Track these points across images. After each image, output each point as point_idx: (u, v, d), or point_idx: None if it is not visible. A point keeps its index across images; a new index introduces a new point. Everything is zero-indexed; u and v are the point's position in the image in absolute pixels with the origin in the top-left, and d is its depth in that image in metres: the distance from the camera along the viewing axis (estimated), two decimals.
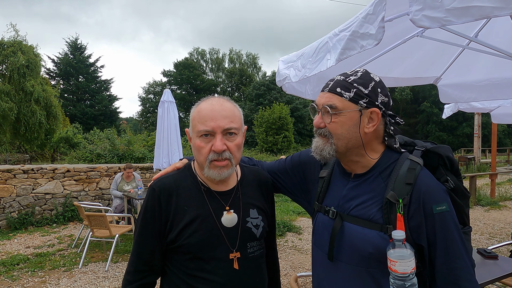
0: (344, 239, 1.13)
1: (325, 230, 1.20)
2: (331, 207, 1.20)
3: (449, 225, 1.04)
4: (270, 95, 32.53)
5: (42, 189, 7.19)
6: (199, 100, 1.27)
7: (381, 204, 1.08)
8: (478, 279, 2.28)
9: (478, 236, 6.28)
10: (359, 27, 1.54)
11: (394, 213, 1.04)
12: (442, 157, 1.15)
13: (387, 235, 1.04)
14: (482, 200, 9.34)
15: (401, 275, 0.96)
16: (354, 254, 1.10)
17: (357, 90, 1.10)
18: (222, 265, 1.18)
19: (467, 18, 1.18)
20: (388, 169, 1.12)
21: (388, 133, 1.16)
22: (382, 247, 1.03)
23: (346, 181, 1.21)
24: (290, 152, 23.39)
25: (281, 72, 2.47)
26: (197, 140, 1.18)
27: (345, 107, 1.10)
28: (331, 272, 1.17)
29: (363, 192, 1.14)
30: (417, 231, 1.05)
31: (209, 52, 51.07)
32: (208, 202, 1.22)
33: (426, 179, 1.07)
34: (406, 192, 1.05)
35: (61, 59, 33.91)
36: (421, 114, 38.56)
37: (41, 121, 17.30)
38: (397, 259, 0.97)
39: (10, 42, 17.06)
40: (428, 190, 1.05)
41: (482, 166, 17.73)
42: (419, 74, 3.27)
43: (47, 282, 4.34)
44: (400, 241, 0.97)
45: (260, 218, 1.29)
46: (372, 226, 1.07)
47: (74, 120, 28.56)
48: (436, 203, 1.04)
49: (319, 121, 1.15)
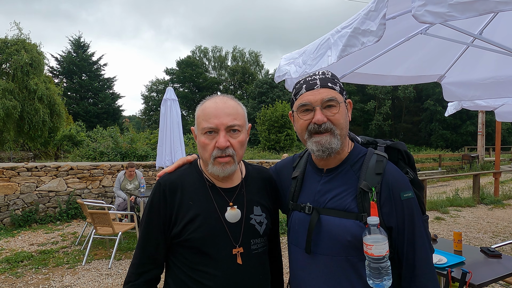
0: (322, 231, 1.17)
1: (301, 226, 1.24)
2: (307, 203, 1.24)
3: (414, 210, 1.16)
4: (273, 93, 32.49)
5: (45, 187, 7.23)
6: (204, 98, 1.30)
7: (355, 194, 1.16)
8: (481, 278, 2.28)
9: (482, 235, 6.25)
10: (361, 24, 1.54)
11: (367, 201, 1.13)
12: (401, 152, 1.28)
13: (362, 222, 1.12)
14: (485, 199, 9.29)
15: (377, 258, 1.04)
16: (333, 244, 1.15)
17: (339, 83, 1.22)
18: (226, 260, 1.20)
19: (471, 13, 1.17)
20: (358, 162, 1.22)
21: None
22: (359, 234, 1.10)
23: (319, 177, 1.26)
24: (293, 150, 23.36)
25: (281, 68, 2.47)
26: (202, 137, 1.21)
27: (339, 99, 1.18)
28: (309, 266, 1.20)
29: (337, 185, 1.20)
30: (388, 216, 1.14)
31: (212, 50, 51.07)
32: (213, 198, 1.25)
33: (393, 170, 1.19)
34: (377, 181, 1.15)
35: (64, 57, 34.00)
36: (425, 112, 38.32)
37: (45, 119, 17.37)
38: (373, 243, 1.04)
39: (13, 40, 17.12)
40: (396, 179, 1.16)
41: (485, 164, 17.65)
42: (423, 72, 3.24)
43: (51, 279, 4.37)
44: (375, 226, 1.06)
45: (263, 216, 1.31)
46: (348, 216, 1.14)
47: (78, 118, 28.66)
48: (403, 191, 1.15)
49: (321, 117, 1.15)
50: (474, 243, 5.75)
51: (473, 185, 9.32)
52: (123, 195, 6.59)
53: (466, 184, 12.12)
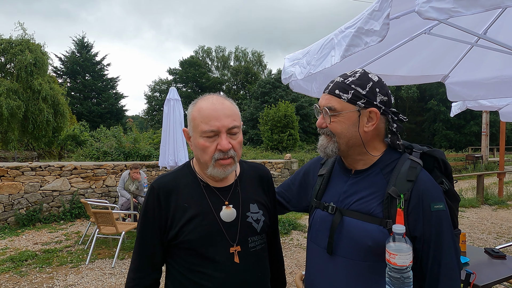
0: (343, 233, 1.15)
1: (323, 225, 1.22)
2: (330, 202, 1.23)
3: (444, 223, 1.09)
4: (276, 93, 32.43)
5: (49, 186, 7.27)
6: (197, 99, 1.26)
7: (382, 198, 1.11)
8: (485, 279, 2.27)
9: (486, 236, 6.21)
10: (364, 24, 1.53)
11: (394, 208, 1.08)
12: (438, 160, 1.21)
13: (386, 229, 1.08)
14: (489, 199, 9.24)
15: (400, 268, 0.99)
16: (353, 248, 1.13)
17: (354, 91, 1.14)
18: (223, 259, 1.20)
19: (477, 9, 1.15)
20: (389, 166, 1.17)
21: (391, 131, 1.19)
22: (381, 240, 1.06)
23: (346, 177, 1.24)
24: (296, 150, 23.31)
25: (287, 70, 2.46)
26: (200, 139, 1.18)
27: (343, 108, 1.14)
28: (327, 267, 1.19)
29: (364, 187, 1.17)
30: (414, 226, 1.09)
31: (215, 50, 51.11)
32: (208, 198, 1.24)
33: (426, 178, 1.13)
34: (407, 189, 1.09)
35: (68, 57, 34.15)
36: (428, 112, 38.15)
37: (49, 119, 17.47)
38: (396, 252, 1.00)
39: (18, 40, 17.23)
40: (427, 188, 1.10)
41: (490, 164, 17.54)
42: (427, 72, 3.22)
43: (55, 278, 4.39)
44: (400, 235, 1.01)
45: (260, 213, 1.31)
46: (372, 220, 1.11)
47: (81, 118, 28.75)
48: (434, 201, 1.09)
49: (321, 122, 1.21)
50: (478, 244, 5.71)
51: (477, 186, 9.27)
52: (127, 195, 6.61)
53: (470, 184, 12.06)
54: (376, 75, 1.18)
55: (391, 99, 1.18)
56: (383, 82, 1.18)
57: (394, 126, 1.18)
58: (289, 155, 11.11)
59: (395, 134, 1.19)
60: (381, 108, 1.15)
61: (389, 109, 1.18)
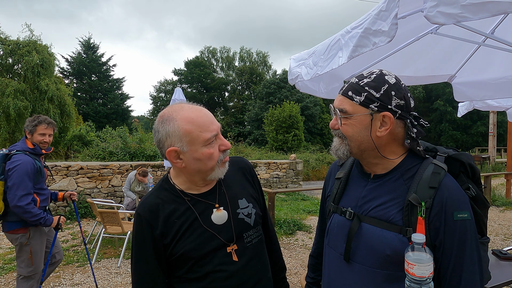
0: (361, 240, 1.12)
1: (341, 231, 1.19)
2: (348, 208, 1.19)
3: (468, 234, 1.02)
4: (281, 94, 32.41)
5: (56, 186, 7.34)
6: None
7: (402, 206, 1.06)
8: (493, 281, 2.25)
9: (493, 237, 6.15)
10: (372, 24, 1.53)
11: (414, 216, 1.02)
12: (464, 164, 1.13)
13: (405, 237, 1.02)
14: (497, 201, 9.15)
15: (419, 279, 0.95)
16: (370, 256, 1.09)
17: (368, 94, 1.08)
18: (222, 261, 1.20)
19: (484, 14, 1.16)
20: (410, 171, 1.10)
21: (410, 136, 1.11)
22: (400, 249, 1.02)
23: (365, 182, 1.19)
24: (301, 151, 23.27)
25: (293, 71, 2.46)
26: (204, 149, 1.16)
27: (355, 111, 1.10)
28: (344, 273, 1.17)
29: (383, 193, 1.12)
30: (435, 235, 1.03)
31: (220, 50, 51.23)
32: (194, 209, 1.22)
33: (451, 184, 1.05)
34: (429, 196, 1.03)
35: (75, 58, 34.45)
36: (434, 112, 37.88)
37: (55, 119, 17.63)
38: (415, 262, 0.95)
39: (25, 41, 17.41)
40: (451, 196, 1.03)
41: (497, 165, 17.37)
42: (433, 72, 3.20)
43: (61, 277, 4.43)
44: (420, 244, 0.96)
45: (250, 206, 1.31)
46: (391, 228, 1.06)
47: (87, 119, 28.98)
48: (458, 210, 1.02)
49: (333, 123, 1.17)
50: None
51: None
52: (133, 195, 6.64)
53: None
54: (394, 77, 1.11)
55: (410, 103, 1.10)
56: (401, 84, 1.11)
57: (414, 131, 1.10)
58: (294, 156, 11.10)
59: (414, 140, 1.11)
60: (397, 112, 1.08)
61: (408, 113, 1.11)
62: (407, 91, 1.12)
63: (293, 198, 10.09)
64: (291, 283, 4.13)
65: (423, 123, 1.14)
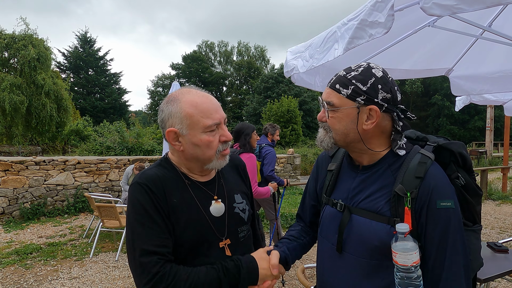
0: (351, 231, 1.14)
1: (332, 223, 1.21)
2: (339, 200, 1.20)
3: (451, 222, 1.02)
4: (279, 88, 32.33)
5: (53, 181, 7.32)
6: (176, 95, 1.18)
7: (389, 196, 1.07)
8: (487, 272, 2.27)
9: (489, 230, 6.21)
10: (368, 16, 1.52)
11: (402, 206, 1.04)
12: (454, 154, 1.13)
13: (393, 228, 1.03)
14: (493, 194, 9.21)
15: (402, 267, 0.97)
16: (360, 246, 1.11)
17: (354, 87, 1.08)
18: (215, 255, 1.18)
19: (479, 6, 1.15)
20: (397, 162, 1.11)
21: (396, 129, 1.12)
22: (387, 240, 1.03)
23: (355, 174, 1.20)
24: (299, 145, 23.28)
25: (289, 63, 2.45)
26: (203, 135, 1.14)
27: (342, 104, 1.10)
28: (336, 263, 1.19)
29: (372, 184, 1.13)
30: (422, 224, 1.05)
31: (218, 44, 50.94)
32: (194, 195, 1.19)
33: (436, 173, 1.06)
34: (415, 186, 1.04)
35: (71, 52, 34.17)
36: (432, 107, 37.92)
37: (52, 114, 17.54)
38: (399, 251, 0.97)
39: (21, 35, 17.26)
40: (436, 185, 1.04)
41: (494, 160, 17.43)
42: (431, 65, 3.20)
43: (59, 270, 4.44)
44: (402, 234, 0.97)
45: (244, 202, 1.32)
46: (379, 219, 1.07)
47: (85, 113, 28.84)
48: (441, 199, 1.02)
49: (321, 115, 1.18)
50: (481, 238, 5.71)
51: (481, 181, 9.22)
52: None
53: None
54: (381, 70, 1.11)
55: (396, 96, 1.10)
56: (387, 78, 1.10)
57: (400, 125, 1.11)
58: (292, 150, 11.07)
59: (399, 133, 1.12)
60: (383, 105, 1.08)
61: (396, 106, 1.11)
62: (394, 84, 1.12)
63: (291, 192, 10.12)
64: (288, 276, 4.16)
65: (410, 116, 1.14)
